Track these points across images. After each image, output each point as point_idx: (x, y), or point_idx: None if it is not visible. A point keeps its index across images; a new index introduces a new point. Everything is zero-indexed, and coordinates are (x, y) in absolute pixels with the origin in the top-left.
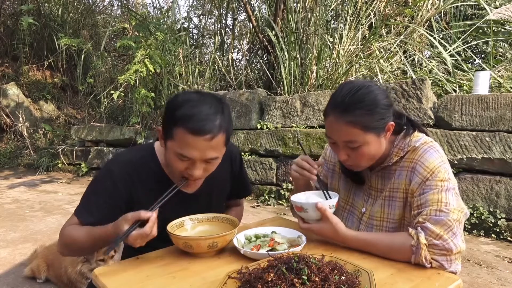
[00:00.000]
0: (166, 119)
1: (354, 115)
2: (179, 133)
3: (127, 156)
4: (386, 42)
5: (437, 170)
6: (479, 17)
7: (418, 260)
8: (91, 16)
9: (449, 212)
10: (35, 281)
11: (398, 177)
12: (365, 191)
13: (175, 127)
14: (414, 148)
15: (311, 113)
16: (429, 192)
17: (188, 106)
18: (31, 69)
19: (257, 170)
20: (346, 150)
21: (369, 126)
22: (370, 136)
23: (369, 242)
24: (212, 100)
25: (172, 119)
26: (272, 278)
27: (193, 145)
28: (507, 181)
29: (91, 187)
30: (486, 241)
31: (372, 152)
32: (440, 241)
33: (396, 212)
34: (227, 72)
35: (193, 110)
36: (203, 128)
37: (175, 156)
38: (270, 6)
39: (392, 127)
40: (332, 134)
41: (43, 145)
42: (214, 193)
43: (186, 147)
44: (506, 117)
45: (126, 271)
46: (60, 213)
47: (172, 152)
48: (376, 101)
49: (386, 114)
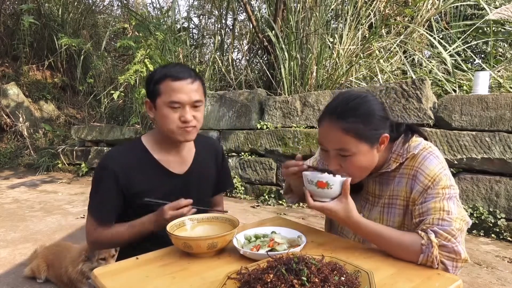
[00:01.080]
0: (149, 87)
1: (347, 122)
2: (164, 85)
3: (117, 150)
4: (386, 42)
5: (438, 177)
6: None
7: (427, 259)
8: (91, 16)
9: (451, 221)
10: (35, 281)
11: (398, 184)
12: (363, 196)
13: (159, 85)
14: (413, 155)
15: (311, 113)
16: (431, 200)
17: (166, 69)
18: (31, 69)
19: (257, 170)
20: (338, 159)
21: (362, 134)
22: (362, 145)
23: (380, 233)
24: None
25: (155, 82)
26: (271, 279)
27: (179, 89)
28: (507, 181)
29: (94, 186)
30: (486, 241)
31: (364, 164)
32: (449, 243)
33: (396, 220)
34: (227, 72)
35: (172, 68)
36: (183, 75)
37: (167, 108)
38: (270, 6)
39: (386, 139)
40: (324, 141)
41: (43, 145)
42: (202, 176)
43: (173, 93)
44: (506, 117)
45: (126, 271)
46: (60, 213)
47: (164, 107)
48: (371, 111)
49: (381, 126)
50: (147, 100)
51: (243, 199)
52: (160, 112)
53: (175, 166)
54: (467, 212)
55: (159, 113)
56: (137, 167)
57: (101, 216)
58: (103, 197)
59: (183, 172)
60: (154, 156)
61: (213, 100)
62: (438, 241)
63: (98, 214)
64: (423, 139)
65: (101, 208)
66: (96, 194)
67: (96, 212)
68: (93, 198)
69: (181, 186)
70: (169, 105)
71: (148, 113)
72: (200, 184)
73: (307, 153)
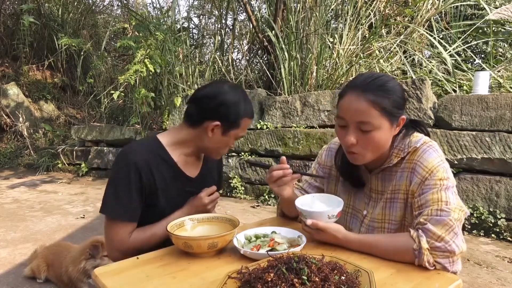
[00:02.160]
0: (229, 115)
1: (375, 95)
2: (244, 122)
3: (140, 147)
4: (386, 42)
5: (436, 169)
6: (479, 17)
7: (421, 263)
8: (91, 16)
9: (450, 211)
10: (35, 281)
11: (400, 178)
12: (366, 194)
13: (241, 119)
14: (415, 149)
15: (311, 113)
16: (428, 191)
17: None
18: (31, 69)
19: (257, 170)
20: (356, 133)
21: (387, 110)
22: (384, 121)
23: (373, 244)
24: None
25: (239, 114)
26: (272, 278)
27: (248, 126)
28: (507, 181)
29: (117, 183)
30: (486, 241)
31: (381, 141)
32: (442, 243)
33: (397, 214)
34: (227, 72)
35: (249, 106)
36: (253, 114)
37: (231, 139)
38: (270, 6)
39: (403, 121)
40: (347, 113)
41: (43, 145)
42: (208, 177)
43: (243, 131)
44: (506, 117)
45: (126, 271)
46: (60, 213)
47: (232, 138)
48: (396, 89)
49: (402, 106)
50: (218, 124)
51: (243, 199)
52: (227, 139)
53: (189, 169)
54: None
55: (225, 139)
56: (156, 166)
57: (132, 215)
58: (131, 194)
59: (195, 176)
60: (173, 158)
61: None
62: (429, 243)
63: (128, 214)
64: (423, 135)
65: (130, 206)
66: (123, 193)
67: (125, 212)
68: (118, 198)
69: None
70: (234, 137)
71: (208, 132)
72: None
73: (307, 153)
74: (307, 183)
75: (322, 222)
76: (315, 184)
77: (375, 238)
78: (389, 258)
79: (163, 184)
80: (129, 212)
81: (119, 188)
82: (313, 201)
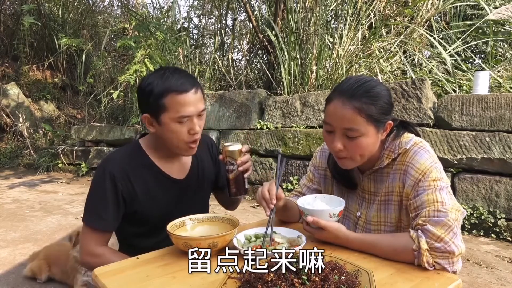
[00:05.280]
0: (148, 101)
1: (361, 102)
2: (169, 101)
3: (118, 155)
4: (386, 42)
5: (429, 170)
6: (479, 17)
7: (420, 263)
8: (91, 16)
9: (447, 212)
10: (35, 281)
11: (392, 180)
12: (359, 195)
13: (162, 100)
14: (405, 150)
15: (311, 113)
16: (423, 193)
17: (166, 81)
18: (31, 69)
19: (257, 170)
20: (343, 139)
21: (373, 116)
22: (370, 128)
23: (373, 243)
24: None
25: (156, 96)
26: (272, 278)
27: (186, 103)
28: (507, 181)
29: (93, 192)
30: (486, 241)
31: (368, 147)
32: (441, 243)
33: (392, 216)
34: (227, 72)
35: (172, 79)
36: (186, 87)
37: (175, 123)
38: (270, 6)
39: (390, 126)
40: (333, 119)
41: (43, 145)
42: (201, 178)
43: (182, 108)
44: (505, 117)
45: (126, 271)
46: (60, 213)
47: (171, 122)
48: (383, 95)
49: (389, 112)
50: (146, 116)
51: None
52: (167, 128)
53: (175, 172)
54: (467, 212)
55: (166, 128)
56: (135, 172)
57: (107, 225)
58: (107, 204)
59: (183, 178)
60: (154, 162)
61: (213, 100)
62: (429, 244)
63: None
64: (414, 135)
65: (105, 216)
66: (98, 202)
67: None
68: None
69: (180, 192)
70: (177, 121)
71: (148, 127)
72: (199, 187)
73: (307, 153)
74: (306, 187)
75: (323, 221)
76: (314, 187)
77: (375, 238)
78: (389, 257)
79: (145, 189)
80: (104, 222)
81: (95, 197)
82: (315, 201)
